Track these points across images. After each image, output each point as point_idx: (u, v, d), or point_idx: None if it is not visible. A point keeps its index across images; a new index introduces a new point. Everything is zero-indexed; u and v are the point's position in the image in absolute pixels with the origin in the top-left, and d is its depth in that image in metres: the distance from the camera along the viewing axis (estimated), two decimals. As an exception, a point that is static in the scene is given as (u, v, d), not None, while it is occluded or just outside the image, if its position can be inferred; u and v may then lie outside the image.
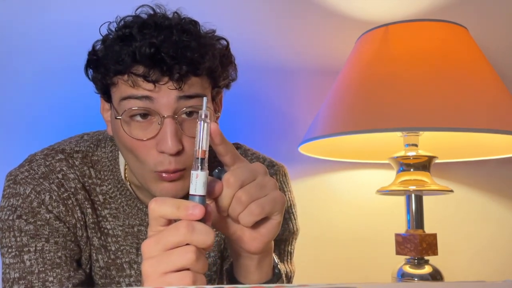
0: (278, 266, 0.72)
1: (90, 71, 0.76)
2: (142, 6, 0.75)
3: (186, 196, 0.80)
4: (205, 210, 0.54)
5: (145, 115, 0.71)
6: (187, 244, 0.53)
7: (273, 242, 0.67)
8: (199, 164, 0.53)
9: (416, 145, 1.17)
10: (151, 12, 0.74)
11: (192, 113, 0.71)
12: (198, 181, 0.53)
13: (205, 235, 0.53)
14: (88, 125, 1.11)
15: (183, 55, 0.68)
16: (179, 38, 0.69)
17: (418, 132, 1.17)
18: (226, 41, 0.77)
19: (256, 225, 0.61)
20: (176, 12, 0.75)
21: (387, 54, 1.11)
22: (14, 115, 1.23)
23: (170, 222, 0.55)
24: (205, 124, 0.54)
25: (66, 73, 1.24)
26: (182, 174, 0.72)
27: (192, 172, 0.54)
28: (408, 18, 1.37)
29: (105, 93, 0.75)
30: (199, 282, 0.54)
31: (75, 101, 1.24)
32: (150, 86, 0.69)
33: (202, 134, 0.54)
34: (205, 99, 0.55)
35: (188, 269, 0.54)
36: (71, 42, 1.23)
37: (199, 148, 0.54)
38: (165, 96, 0.69)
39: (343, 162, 1.37)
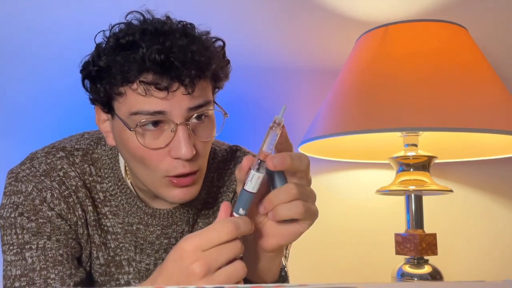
0: (285, 269, 0.72)
1: (88, 83, 0.74)
2: (131, 12, 0.74)
3: (196, 199, 0.80)
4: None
5: (156, 123, 0.71)
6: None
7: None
8: (258, 166, 0.57)
9: (415, 145, 1.17)
10: (141, 18, 0.73)
11: (201, 116, 0.72)
12: (258, 181, 0.57)
13: (248, 226, 0.58)
14: (88, 124, 1.11)
15: (192, 59, 0.68)
16: (185, 43, 0.69)
17: (417, 132, 1.17)
18: (222, 41, 0.77)
19: (282, 224, 0.62)
20: (167, 16, 0.74)
21: (387, 54, 1.11)
22: (14, 113, 1.23)
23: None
24: (275, 133, 0.56)
25: (67, 72, 1.23)
26: (194, 178, 0.73)
27: (253, 172, 0.57)
28: (408, 18, 1.37)
29: (106, 104, 0.74)
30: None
31: (75, 100, 1.24)
32: (162, 94, 0.68)
33: (271, 140, 0.57)
34: (284, 107, 0.57)
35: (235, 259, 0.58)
36: (72, 41, 1.23)
37: (265, 150, 0.56)
38: (177, 106, 0.69)
39: (343, 162, 1.37)
